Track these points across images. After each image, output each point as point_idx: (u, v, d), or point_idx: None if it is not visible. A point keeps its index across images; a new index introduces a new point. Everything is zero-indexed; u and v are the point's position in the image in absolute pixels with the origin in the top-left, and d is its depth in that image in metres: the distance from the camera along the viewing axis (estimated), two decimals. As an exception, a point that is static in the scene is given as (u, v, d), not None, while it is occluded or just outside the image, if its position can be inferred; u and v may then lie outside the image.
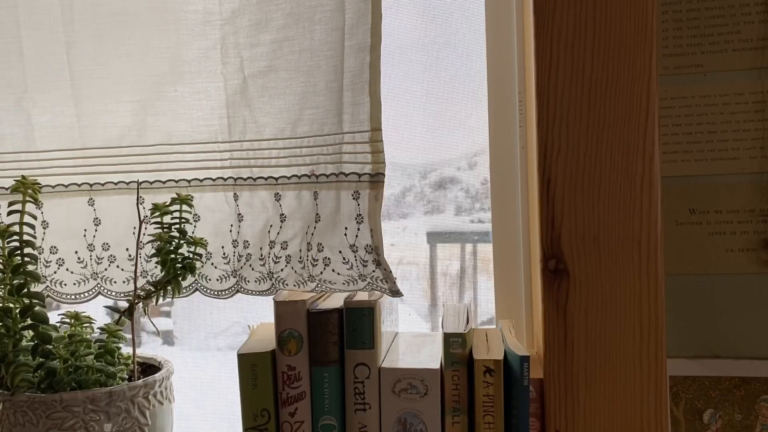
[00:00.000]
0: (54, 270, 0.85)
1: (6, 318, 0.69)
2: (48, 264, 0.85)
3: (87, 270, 0.85)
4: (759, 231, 0.80)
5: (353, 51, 0.70)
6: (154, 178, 0.82)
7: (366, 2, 0.70)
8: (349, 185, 0.72)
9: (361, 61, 0.70)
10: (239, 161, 0.79)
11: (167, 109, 0.80)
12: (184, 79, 0.79)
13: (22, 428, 0.69)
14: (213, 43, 0.78)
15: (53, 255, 0.85)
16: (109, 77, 0.81)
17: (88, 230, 0.84)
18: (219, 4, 0.77)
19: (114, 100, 0.81)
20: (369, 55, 0.70)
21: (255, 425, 0.72)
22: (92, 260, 0.84)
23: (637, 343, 0.66)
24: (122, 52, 0.80)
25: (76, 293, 0.85)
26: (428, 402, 0.69)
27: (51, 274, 0.86)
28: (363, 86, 0.70)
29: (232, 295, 0.81)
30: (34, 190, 0.70)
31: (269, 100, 0.77)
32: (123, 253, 0.83)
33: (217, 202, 0.81)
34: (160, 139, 0.81)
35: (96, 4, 0.80)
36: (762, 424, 0.81)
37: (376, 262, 0.71)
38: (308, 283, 0.76)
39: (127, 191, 0.83)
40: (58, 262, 0.85)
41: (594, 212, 0.66)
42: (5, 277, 0.69)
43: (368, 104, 0.71)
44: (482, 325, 0.94)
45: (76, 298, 0.85)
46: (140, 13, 0.79)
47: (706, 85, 0.80)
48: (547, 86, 0.67)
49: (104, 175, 0.83)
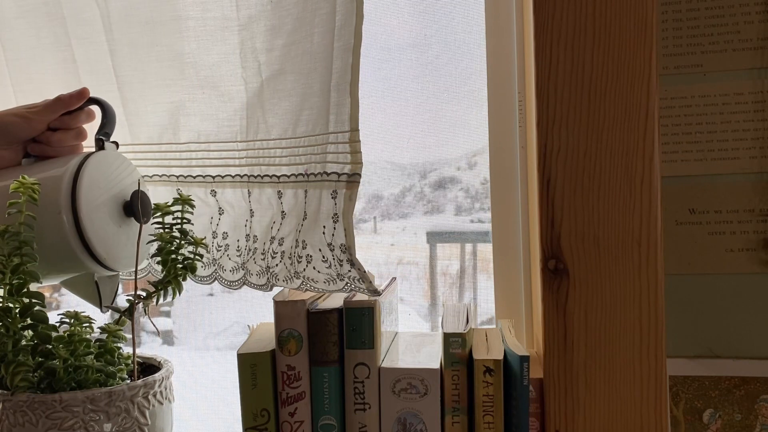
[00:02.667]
0: None
1: (6, 318, 0.69)
2: None
3: None
4: (759, 231, 0.80)
5: (340, 52, 0.71)
6: (186, 173, 0.87)
7: (352, 3, 0.70)
8: (330, 184, 0.73)
9: (345, 62, 0.71)
10: (251, 159, 0.82)
11: (197, 110, 0.85)
12: (210, 82, 0.83)
13: (22, 428, 0.69)
14: (232, 48, 0.80)
15: None
16: (146, 81, 0.87)
17: None
18: (236, 11, 0.79)
19: (152, 102, 0.87)
20: (351, 56, 0.70)
21: (255, 425, 0.72)
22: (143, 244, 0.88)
23: (637, 343, 0.66)
24: (153, 58, 0.85)
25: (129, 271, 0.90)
26: (428, 402, 0.69)
27: None
28: (345, 87, 0.71)
29: (240, 287, 0.84)
30: (34, 190, 0.70)
31: (278, 102, 0.79)
32: None
33: (236, 197, 0.84)
34: (191, 138, 0.86)
35: (128, 14, 0.85)
36: (762, 424, 0.81)
37: (349, 262, 0.71)
38: (294, 279, 0.77)
39: (168, 183, 0.89)
40: None
41: (594, 212, 0.66)
42: (5, 277, 0.69)
43: (349, 105, 0.71)
44: (482, 324, 0.94)
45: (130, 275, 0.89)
46: (165, 21, 0.83)
47: (706, 85, 0.80)
48: (547, 86, 0.67)
49: (152, 168, 0.90)
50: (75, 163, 0.74)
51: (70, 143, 0.81)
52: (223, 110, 0.83)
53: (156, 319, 1.12)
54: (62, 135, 0.80)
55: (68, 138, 0.80)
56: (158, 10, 0.83)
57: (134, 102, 0.88)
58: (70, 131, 0.81)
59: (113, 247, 0.76)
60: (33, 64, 0.92)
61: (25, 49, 0.92)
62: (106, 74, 0.88)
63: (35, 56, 0.92)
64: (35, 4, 0.90)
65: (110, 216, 0.76)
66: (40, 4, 0.89)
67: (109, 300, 0.79)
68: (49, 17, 0.89)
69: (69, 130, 0.80)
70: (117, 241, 0.77)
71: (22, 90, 0.95)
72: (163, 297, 0.77)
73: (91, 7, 0.86)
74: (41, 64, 0.91)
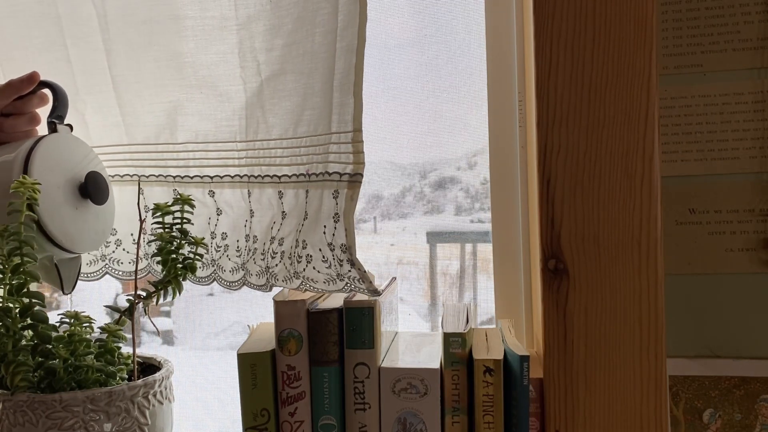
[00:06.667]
0: (113, 250, 0.92)
1: (6, 318, 0.69)
2: (108, 244, 0.92)
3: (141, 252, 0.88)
4: (759, 231, 0.80)
5: (343, 52, 0.71)
6: (184, 173, 0.87)
7: (355, 4, 0.70)
8: (331, 184, 0.73)
9: (348, 63, 0.71)
10: (251, 159, 0.82)
11: (195, 110, 0.84)
12: (208, 82, 0.83)
13: (22, 428, 0.69)
14: (230, 48, 0.80)
15: (113, 236, 0.92)
16: (142, 81, 0.86)
17: None
18: (235, 10, 0.79)
19: (149, 102, 0.87)
20: (355, 57, 0.71)
21: (255, 425, 0.72)
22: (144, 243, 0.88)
23: (637, 343, 0.66)
24: (150, 57, 0.85)
25: (130, 271, 0.92)
26: (428, 402, 0.69)
27: (110, 253, 0.92)
28: (349, 87, 0.71)
29: (240, 287, 0.84)
30: (34, 190, 0.70)
31: (278, 102, 0.79)
32: None
33: (235, 198, 0.84)
34: (188, 138, 0.86)
35: (126, 14, 0.85)
36: (762, 423, 0.81)
37: (350, 262, 0.71)
38: (294, 279, 0.77)
39: (165, 183, 0.88)
40: (117, 243, 0.92)
41: (594, 212, 0.66)
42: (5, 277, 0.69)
43: (352, 105, 0.71)
44: (482, 324, 0.94)
45: (131, 275, 0.91)
46: (163, 20, 0.83)
47: (706, 84, 0.80)
48: (547, 86, 0.67)
49: (148, 168, 0.89)
50: (26, 147, 0.75)
51: (24, 128, 0.81)
52: (222, 110, 0.83)
53: (156, 319, 1.12)
54: (15, 120, 0.80)
55: (21, 123, 0.81)
56: (156, 9, 0.83)
57: (131, 102, 0.88)
58: (22, 116, 0.81)
59: (70, 229, 0.76)
60: (27, 63, 0.91)
61: (18, 48, 0.92)
62: (101, 74, 0.88)
63: (28, 56, 0.91)
64: (28, 3, 0.89)
65: (65, 198, 0.76)
66: (34, 3, 0.89)
67: (70, 283, 0.80)
68: (43, 16, 0.89)
69: (21, 115, 0.81)
70: (74, 223, 0.77)
71: None
72: (163, 297, 0.78)
73: (86, 6, 0.86)
74: (34, 64, 0.90)
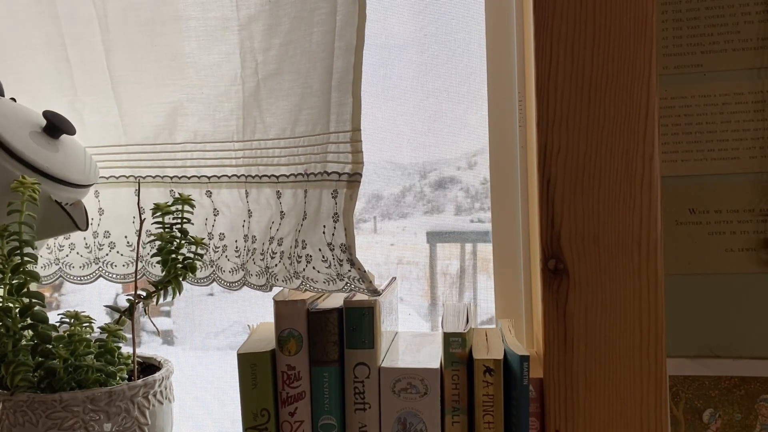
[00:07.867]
0: (106, 252, 0.92)
1: (5, 318, 0.69)
2: (101, 247, 0.91)
3: (134, 254, 0.89)
4: (759, 231, 0.80)
5: (341, 52, 0.71)
6: (181, 174, 0.87)
7: (354, 3, 0.70)
8: (330, 184, 0.73)
9: (347, 62, 0.71)
10: (249, 159, 0.82)
11: (195, 111, 0.84)
12: (209, 82, 0.83)
13: (22, 428, 0.69)
14: (232, 48, 0.80)
15: (106, 239, 0.91)
16: (143, 81, 0.86)
17: (135, 218, 0.89)
18: (236, 10, 0.79)
19: (149, 102, 0.86)
20: (354, 56, 0.71)
21: (255, 425, 0.72)
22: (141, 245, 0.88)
23: (637, 343, 0.66)
24: (152, 58, 0.85)
25: (124, 274, 0.91)
26: (428, 402, 0.69)
27: (103, 256, 0.92)
28: (347, 87, 0.71)
29: (240, 287, 0.84)
30: (34, 189, 0.70)
31: (275, 102, 0.79)
32: None
33: (232, 198, 0.84)
34: (187, 138, 0.86)
35: (127, 15, 0.85)
36: (762, 423, 0.81)
37: (350, 261, 0.71)
38: (294, 279, 0.77)
39: (162, 184, 0.88)
40: (110, 245, 0.91)
41: (594, 212, 0.66)
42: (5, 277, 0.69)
43: (351, 104, 0.71)
44: (482, 324, 0.94)
45: (125, 278, 0.91)
46: (165, 21, 0.83)
47: (706, 84, 0.80)
48: (547, 86, 0.67)
49: (144, 169, 0.89)
50: None
51: None
52: (220, 110, 0.83)
53: (156, 318, 1.12)
54: None
55: None
56: (158, 10, 0.83)
57: (130, 103, 0.87)
58: None
59: (52, 159, 0.76)
60: (26, 63, 0.92)
61: (16, 48, 0.91)
62: (100, 74, 0.88)
63: (26, 56, 0.91)
64: (27, 3, 0.89)
65: (36, 140, 0.76)
66: (33, 3, 0.89)
67: (83, 220, 0.79)
68: (42, 16, 0.89)
69: None
70: (53, 154, 0.77)
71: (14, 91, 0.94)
72: (163, 297, 0.78)
73: (87, 6, 0.86)
74: (33, 64, 0.91)
